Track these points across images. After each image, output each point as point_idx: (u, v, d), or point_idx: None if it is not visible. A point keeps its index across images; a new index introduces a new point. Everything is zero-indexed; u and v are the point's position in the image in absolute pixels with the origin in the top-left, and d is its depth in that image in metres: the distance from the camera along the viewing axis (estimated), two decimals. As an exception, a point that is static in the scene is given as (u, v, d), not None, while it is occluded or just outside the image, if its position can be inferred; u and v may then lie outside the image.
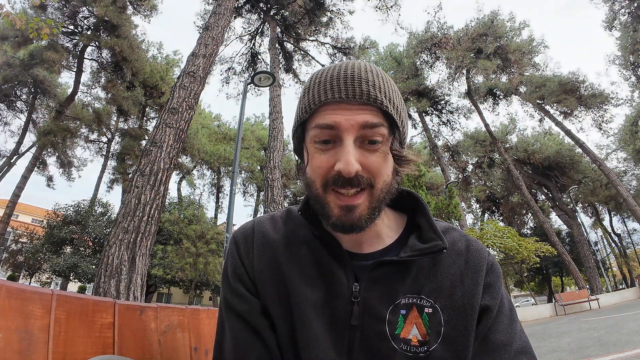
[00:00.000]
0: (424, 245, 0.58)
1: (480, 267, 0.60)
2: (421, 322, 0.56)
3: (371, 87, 0.55)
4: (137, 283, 4.59)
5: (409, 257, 0.57)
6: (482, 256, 0.62)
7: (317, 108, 0.56)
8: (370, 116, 0.54)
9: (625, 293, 15.75)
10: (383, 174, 0.55)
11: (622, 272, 33.41)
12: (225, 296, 0.62)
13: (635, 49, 19.80)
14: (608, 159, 25.09)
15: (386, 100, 0.55)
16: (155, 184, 5.23)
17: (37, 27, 5.41)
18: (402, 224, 0.67)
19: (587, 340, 5.37)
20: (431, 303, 0.57)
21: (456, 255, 0.61)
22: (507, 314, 0.59)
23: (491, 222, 17.00)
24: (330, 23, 17.54)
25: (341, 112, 0.54)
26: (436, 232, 0.60)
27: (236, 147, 6.19)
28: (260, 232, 0.65)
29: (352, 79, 0.55)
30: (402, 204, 0.68)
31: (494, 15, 21.19)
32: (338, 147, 0.54)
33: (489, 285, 0.59)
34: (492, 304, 0.58)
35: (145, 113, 23.84)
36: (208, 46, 7.16)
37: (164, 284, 20.19)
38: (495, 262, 0.63)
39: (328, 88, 0.55)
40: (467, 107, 24.43)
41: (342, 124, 0.53)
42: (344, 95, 0.54)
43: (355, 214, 0.54)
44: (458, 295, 0.57)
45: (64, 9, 18.02)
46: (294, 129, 0.61)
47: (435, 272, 0.59)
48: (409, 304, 0.57)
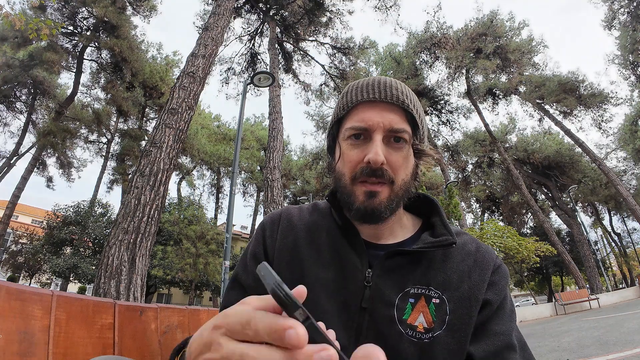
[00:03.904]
0: (435, 239, 0.63)
1: (487, 266, 0.64)
2: (428, 311, 0.59)
3: (400, 93, 0.64)
4: (137, 284, 4.59)
5: (420, 248, 0.62)
6: (490, 257, 0.66)
7: (353, 107, 0.65)
8: (396, 118, 0.63)
9: (625, 292, 15.75)
10: (402, 172, 0.62)
11: (622, 271, 33.42)
12: (237, 272, 0.68)
13: (635, 48, 19.80)
14: (608, 158, 25.08)
15: (411, 105, 0.64)
16: (155, 184, 5.23)
17: (36, 27, 5.41)
18: (417, 225, 0.73)
19: (587, 339, 5.37)
20: (439, 294, 0.60)
21: (466, 254, 0.65)
22: (507, 313, 0.63)
23: (491, 222, 17.02)
24: (329, 23, 17.54)
25: (373, 110, 0.63)
26: (447, 229, 0.65)
27: (236, 147, 6.19)
28: (287, 218, 0.71)
29: (385, 85, 0.65)
30: (418, 207, 0.73)
31: (494, 15, 21.20)
32: (368, 143, 0.62)
33: (493, 283, 0.63)
34: (494, 299, 0.61)
35: (145, 114, 23.82)
36: (207, 46, 7.16)
37: (164, 284, 20.17)
38: (503, 265, 0.67)
39: (364, 90, 0.65)
40: (467, 107, 24.44)
41: (374, 120, 0.62)
42: (377, 96, 0.63)
43: (376, 199, 0.60)
44: (464, 288, 0.61)
45: (63, 10, 18.01)
46: (330, 128, 0.70)
47: (445, 266, 0.63)
48: (417, 293, 0.60)
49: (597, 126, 21.59)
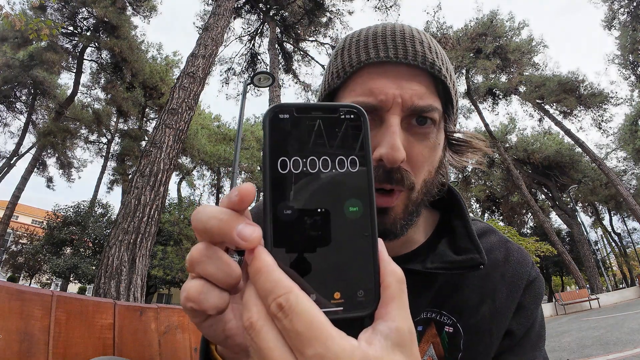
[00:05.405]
0: (457, 258, 0.48)
1: (518, 284, 0.50)
2: (439, 342, 0.48)
3: (427, 50, 0.43)
4: (137, 284, 4.59)
5: (435, 269, 0.48)
6: (523, 270, 0.52)
7: (355, 72, 0.44)
8: (421, 89, 0.42)
9: (625, 292, 15.75)
10: (425, 170, 0.45)
11: (622, 271, 33.43)
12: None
13: (635, 48, 19.80)
14: (608, 158, 25.11)
15: (443, 68, 0.44)
16: (155, 184, 5.23)
17: (36, 28, 5.41)
18: (432, 224, 0.57)
19: (587, 339, 5.37)
20: (453, 321, 0.48)
21: (491, 266, 0.51)
22: (533, 340, 0.51)
23: (491, 222, 17.01)
24: (329, 23, 17.55)
25: (386, 76, 0.42)
26: (473, 241, 0.48)
27: (236, 147, 6.18)
28: None
29: (403, 37, 0.43)
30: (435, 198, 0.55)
31: (493, 15, 21.22)
32: (379, 128, 0.42)
33: (521, 307, 0.50)
34: (518, 329, 0.50)
35: (145, 114, 23.83)
36: (207, 47, 7.16)
37: (164, 284, 20.16)
38: (538, 278, 0.53)
39: (371, 46, 0.43)
40: (467, 107, 24.44)
41: (388, 93, 0.41)
42: (393, 55, 0.42)
43: (389, 217, 0.44)
44: (485, 314, 0.48)
45: (63, 10, 18.02)
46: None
47: (463, 284, 0.50)
48: (427, 319, 0.49)
49: (597, 126, 21.60)
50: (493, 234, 0.55)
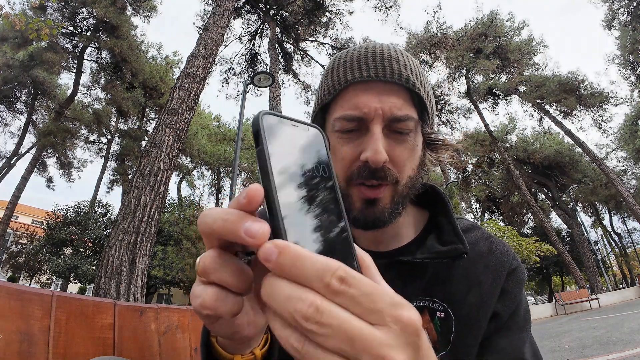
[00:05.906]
0: (443, 248, 0.54)
1: (500, 271, 0.56)
2: (432, 327, 0.53)
3: (402, 67, 0.51)
4: (137, 284, 4.59)
5: (424, 259, 0.54)
6: (505, 260, 0.57)
7: (343, 89, 0.53)
8: (399, 101, 0.50)
9: (626, 292, 15.75)
10: (408, 168, 0.52)
11: (622, 271, 33.43)
12: None
13: (635, 48, 19.80)
14: (608, 158, 25.11)
15: (417, 82, 0.52)
16: (155, 184, 5.23)
17: (36, 28, 5.41)
18: (422, 222, 0.63)
19: (587, 339, 5.37)
20: (444, 307, 0.54)
21: (476, 257, 0.57)
22: (520, 322, 0.56)
23: (491, 222, 17.02)
24: (329, 23, 17.55)
25: (369, 92, 0.50)
26: (457, 234, 0.55)
27: (236, 147, 6.19)
28: None
29: (382, 58, 0.51)
30: (424, 198, 0.63)
31: (493, 15, 21.22)
32: (364, 136, 0.50)
33: (505, 292, 0.55)
34: (504, 311, 0.55)
35: (145, 114, 23.84)
36: (207, 47, 7.16)
37: (164, 284, 20.16)
38: (519, 267, 0.58)
39: (355, 67, 0.52)
40: (467, 107, 24.44)
41: (370, 106, 0.49)
42: (374, 74, 0.50)
43: (377, 207, 0.51)
44: (473, 300, 0.54)
45: (63, 10, 18.02)
46: (313, 116, 0.58)
47: (451, 275, 0.56)
48: (420, 306, 0.54)
49: (597, 126, 21.60)
50: (477, 230, 0.62)
